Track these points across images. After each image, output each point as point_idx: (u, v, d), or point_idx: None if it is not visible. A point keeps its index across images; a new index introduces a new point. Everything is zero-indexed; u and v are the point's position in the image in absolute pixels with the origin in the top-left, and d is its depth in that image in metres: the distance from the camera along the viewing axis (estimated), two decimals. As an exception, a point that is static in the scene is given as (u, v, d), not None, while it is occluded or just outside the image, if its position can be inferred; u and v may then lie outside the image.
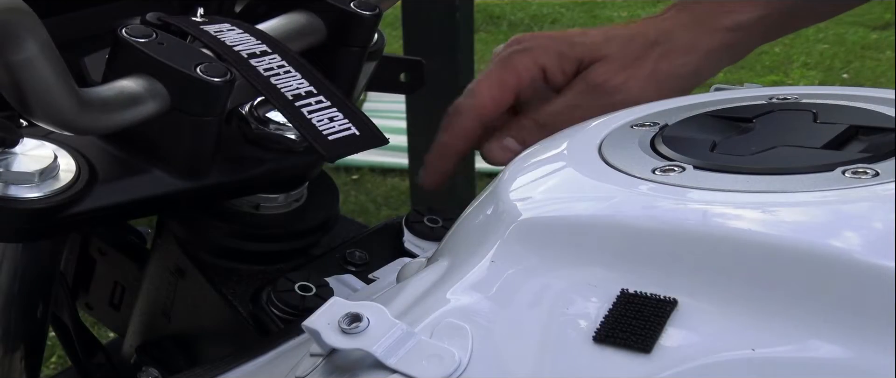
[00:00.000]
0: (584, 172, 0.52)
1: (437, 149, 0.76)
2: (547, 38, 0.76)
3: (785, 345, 0.41)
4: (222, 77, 0.59)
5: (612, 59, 0.74)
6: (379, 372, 0.44)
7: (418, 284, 0.52)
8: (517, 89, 0.75)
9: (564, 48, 0.75)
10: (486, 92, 0.75)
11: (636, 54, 0.75)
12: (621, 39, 0.75)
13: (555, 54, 0.75)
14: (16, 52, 0.51)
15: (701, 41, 0.75)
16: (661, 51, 0.74)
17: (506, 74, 0.75)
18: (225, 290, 0.68)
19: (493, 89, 0.75)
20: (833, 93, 0.59)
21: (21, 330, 0.71)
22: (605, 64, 0.74)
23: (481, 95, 0.75)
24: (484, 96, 0.75)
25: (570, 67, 0.75)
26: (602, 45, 0.75)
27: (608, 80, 0.74)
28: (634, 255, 0.45)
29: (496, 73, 0.76)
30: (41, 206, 0.58)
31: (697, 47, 0.75)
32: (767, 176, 0.48)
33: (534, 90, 0.76)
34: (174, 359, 0.72)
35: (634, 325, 0.42)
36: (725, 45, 0.76)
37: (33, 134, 0.60)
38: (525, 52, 0.76)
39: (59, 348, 1.00)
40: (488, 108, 0.75)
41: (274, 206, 0.71)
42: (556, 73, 0.75)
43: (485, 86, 0.75)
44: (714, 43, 0.75)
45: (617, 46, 0.75)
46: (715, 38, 0.75)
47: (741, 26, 0.75)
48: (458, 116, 0.75)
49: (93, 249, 0.83)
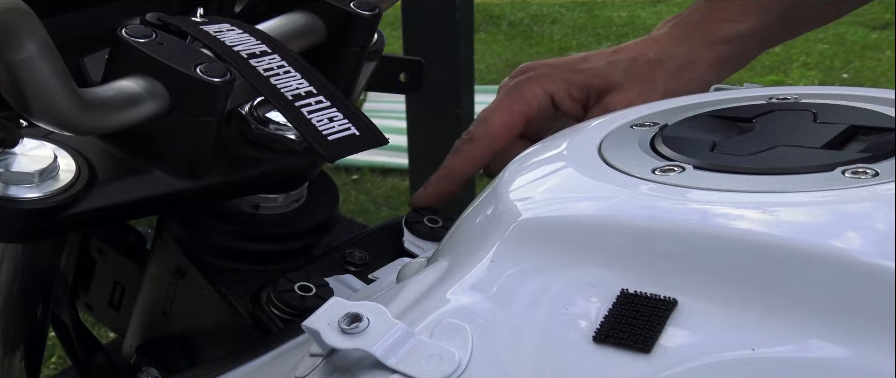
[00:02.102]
0: (584, 172, 0.52)
1: (445, 171, 0.77)
2: (551, 66, 0.79)
3: (785, 345, 0.41)
4: (222, 77, 0.59)
5: (626, 87, 0.76)
6: (379, 372, 0.44)
7: (418, 284, 0.52)
8: (527, 117, 0.77)
9: (570, 76, 0.77)
10: (498, 120, 0.77)
11: (645, 77, 0.76)
12: (624, 63, 0.77)
13: (562, 81, 0.77)
14: (16, 52, 0.51)
15: (699, 55, 0.76)
16: (667, 70, 0.76)
17: (516, 103, 0.77)
18: (225, 290, 0.68)
19: (505, 117, 0.77)
20: (833, 93, 0.59)
21: (21, 330, 0.71)
22: (621, 92, 0.76)
23: (494, 124, 0.77)
24: (497, 125, 0.76)
25: (578, 93, 0.77)
26: (607, 72, 0.77)
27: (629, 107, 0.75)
28: (634, 255, 0.45)
29: (507, 102, 0.77)
30: (41, 207, 0.58)
31: (698, 61, 0.76)
32: (767, 176, 0.48)
33: (543, 118, 0.77)
34: (174, 359, 0.72)
35: (634, 325, 0.42)
36: (723, 57, 0.77)
37: (33, 134, 0.60)
38: (533, 80, 0.78)
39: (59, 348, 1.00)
40: (501, 136, 0.76)
41: (274, 206, 0.71)
42: (565, 99, 0.77)
43: (497, 115, 0.77)
44: (711, 55, 0.76)
45: (623, 71, 0.76)
46: (711, 51, 0.76)
47: (735, 38, 0.76)
48: (470, 144, 0.77)
49: (93, 249, 0.83)
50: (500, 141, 0.76)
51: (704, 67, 0.76)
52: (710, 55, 0.76)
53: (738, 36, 0.77)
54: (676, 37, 0.77)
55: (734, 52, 0.77)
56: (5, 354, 0.70)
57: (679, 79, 0.76)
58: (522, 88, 0.78)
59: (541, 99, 0.77)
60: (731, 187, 0.47)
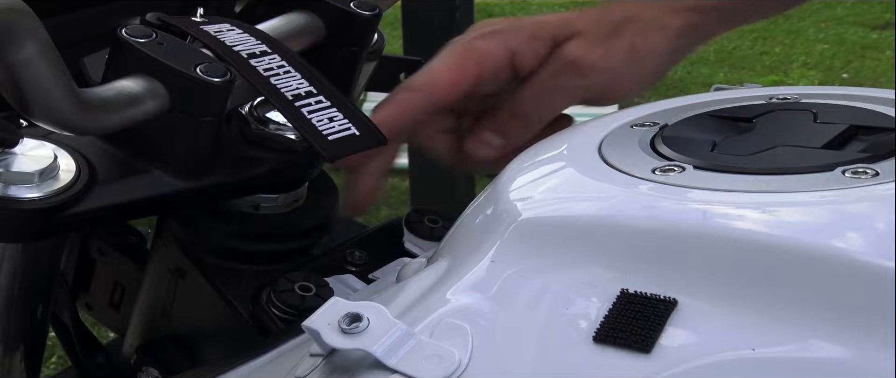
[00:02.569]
0: (584, 172, 0.52)
1: None
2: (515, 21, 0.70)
3: (785, 345, 0.41)
4: (222, 77, 0.59)
5: (586, 34, 0.68)
6: (379, 372, 0.44)
7: (418, 284, 0.52)
8: (479, 76, 0.67)
9: (535, 29, 0.68)
10: (444, 74, 0.67)
11: (610, 30, 0.69)
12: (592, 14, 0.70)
13: (526, 36, 0.68)
14: (16, 52, 0.51)
15: (669, 20, 0.71)
16: (635, 28, 0.70)
17: (467, 58, 0.66)
18: (225, 290, 0.68)
19: (451, 71, 0.67)
20: (833, 93, 0.59)
21: (21, 330, 0.71)
22: (579, 39, 0.68)
23: (439, 76, 0.67)
24: (442, 79, 0.66)
25: (543, 49, 0.68)
26: (574, 22, 0.69)
27: (584, 55, 0.68)
28: (634, 255, 0.45)
29: (459, 54, 0.68)
30: (41, 207, 0.58)
31: (667, 26, 0.71)
32: (767, 176, 0.48)
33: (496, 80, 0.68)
34: (174, 359, 0.72)
35: (634, 325, 0.42)
36: (691, 24, 0.72)
37: (33, 134, 0.60)
38: (493, 35, 0.68)
39: (59, 348, 1.00)
40: (442, 89, 0.66)
41: (274, 206, 0.71)
42: (528, 56, 0.68)
43: (442, 66, 0.67)
44: (680, 22, 0.71)
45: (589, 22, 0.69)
46: (681, 18, 0.71)
47: (704, 7, 0.72)
48: (404, 92, 0.67)
49: (93, 249, 0.83)
50: (442, 96, 0.66)
51: (672, 34, 0.71)
52: (678, 21, 0.71)
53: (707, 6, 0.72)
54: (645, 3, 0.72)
55: (701, 22, 0.72)
56: (5, 354, 0.70)
57: (646, 38, 0.70)
58: (478, 43, 0.67)
59: (499, 56, 0.67)
60: (731, 187, 0.47)
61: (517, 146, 0.67)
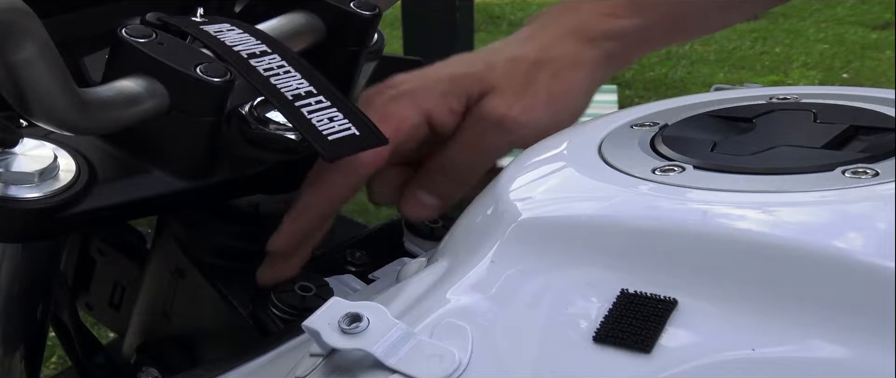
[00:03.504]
0: (584, 172, 0.52)
1: (300, 208, 0.66)
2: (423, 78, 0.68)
3: (785, 345, 0.41)
4: (222, 77, 0.59)
5: (502, 90, 0.67)
6: (379, 372, 0.44)
7: (418, 284, 0.52)
8: (397, 140, 0.65)
9: (445, 86, 0.67)
10: None
11: (524, 79, 0.67)
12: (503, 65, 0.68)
13: (439, 95, 0.67)
14: (16, 52, 0.51)
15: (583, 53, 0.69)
16: (550, 71, 0.68)
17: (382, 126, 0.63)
18: (225, 290, 0.68)
19: None
20: (833, 93, 0.59)
21: (21, 330, 0.71)
22: (496, 96, 0.67)
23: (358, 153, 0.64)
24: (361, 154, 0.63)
25: (457, 105, 0.67)
26: (485, 76, 0.67)
27: (505, 114, 0.66)
28: (634, 255, 0.45)
29: None
30: (41, 206, 0.58)
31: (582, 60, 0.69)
32: (767, 176, 0.48)
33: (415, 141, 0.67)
34: (174, 359, 0.72)
35: (634, 325, 0.42)
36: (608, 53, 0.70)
37: (33, 134, 0.60)
38: (402, 97, 0.66)
39: (59, 348, 1.00)
40: (366, 163, 0.65)
41: (274, 205, 0.71)
42: (445, 115, 0.67)
43: None
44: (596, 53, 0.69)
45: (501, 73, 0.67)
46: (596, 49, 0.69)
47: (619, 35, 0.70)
48: (330, 174, 0.65)
49: (93, 249, 0.83)
50: (365, 171, 0.65)
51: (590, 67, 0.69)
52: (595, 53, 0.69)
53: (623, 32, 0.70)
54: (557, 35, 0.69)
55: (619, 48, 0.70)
56: (5, 354, 0.70)
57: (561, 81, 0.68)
58: (391, 109, 0.66)
59: (413, 121, 0.66)
60: (732, 187, 0.47)
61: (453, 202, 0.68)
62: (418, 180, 0.69)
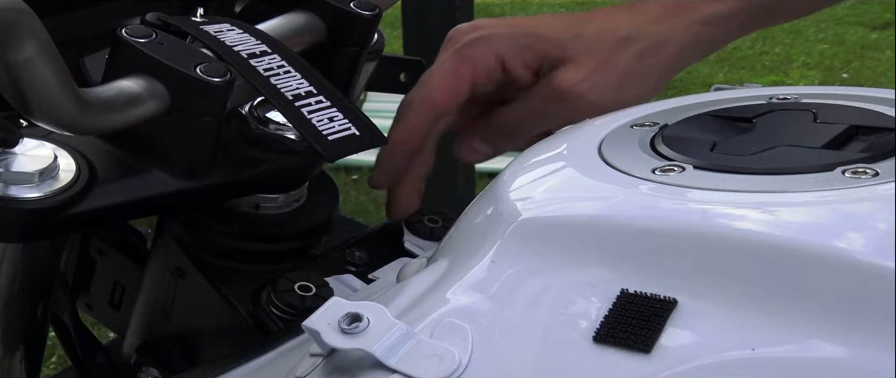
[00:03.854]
0: (584, 172, 0.52)
1: (390, 146, 0.70)
2: (508, 25, 0.71)
3: (785, 345, 0.41)
4: (222, 77, 0.59)
5: (580, 63, 0.69)
6: (379, 372, 0.44)
7: (418, 284, 0.52)
8: (473, 82, 0.69)
9: (530, 40, 0.69)
10: (438, 84, 0.69)
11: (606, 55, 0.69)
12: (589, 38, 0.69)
13: (517, 46, 0.69)
14: (16, 52, 0.51)
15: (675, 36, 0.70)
16: (635, 50, 0.69)
17: (461, 65, 0.68)
18: (225, 290, 0.68)
19: (446, 81, 0.69)
20: (833, 93, 0.59)
21: (21, 330, 0.71)
22: (573, 68, 0.69)
23: (433, 88, 0.69)
24: (436, 89, 0.69)
25: (532, 61, 0.69)
26: (568, 45, 0.69)
27: (573, 87, 0.68)
28: (634, 255, 0.45)
29: (450, 64, 0.70)
30: (41, 206, 0.58)
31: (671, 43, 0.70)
32: (767, 176, 0.48)
33: (492, 83, 0.70)
34: (174, 359, 0.72)
35: (634, 325, 0.42)
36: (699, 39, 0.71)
37: (33, 134, 0.60)
38: (483, 41, 0.69)
39: (59, 348, 1.00)
40: (441, 102, 0.69)
41: (274, 206, 0.71)
42: (517, 66, 0.69)
43: (437, 78, 0.70)
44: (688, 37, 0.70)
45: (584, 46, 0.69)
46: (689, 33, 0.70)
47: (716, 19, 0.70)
48: (409, 110, 0.70)
49: (93, 249, 0.83)
50: (443, 107, 0.69)
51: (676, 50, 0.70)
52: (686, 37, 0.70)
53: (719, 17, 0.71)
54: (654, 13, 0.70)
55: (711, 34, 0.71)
56: (5, 354, 0.70)
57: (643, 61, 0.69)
58: (471, 50, 0.69)
59: (490, 63, 0.69)
60: (732, 187, 0.47)
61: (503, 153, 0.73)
62: (478, 129, 0.73)
